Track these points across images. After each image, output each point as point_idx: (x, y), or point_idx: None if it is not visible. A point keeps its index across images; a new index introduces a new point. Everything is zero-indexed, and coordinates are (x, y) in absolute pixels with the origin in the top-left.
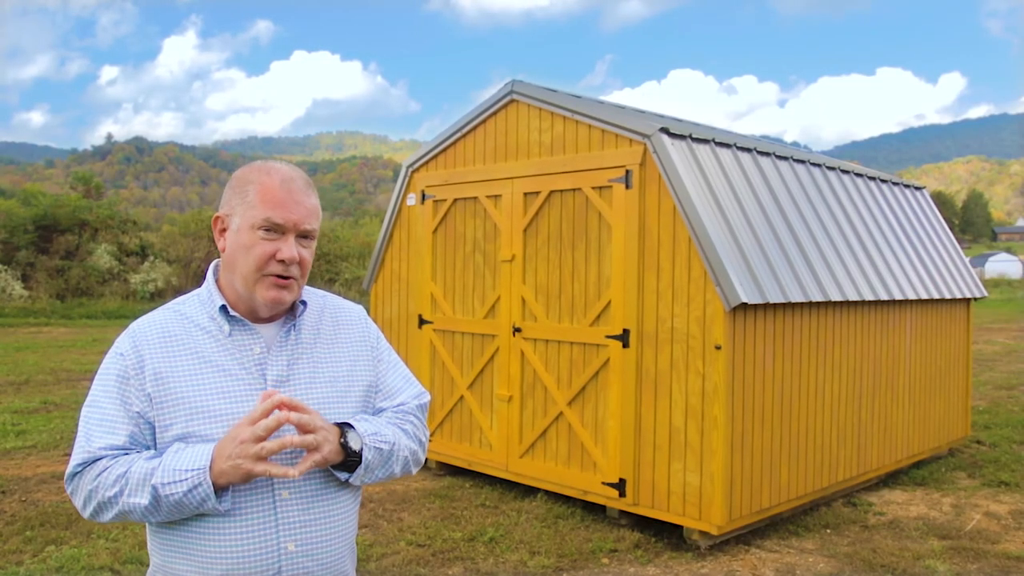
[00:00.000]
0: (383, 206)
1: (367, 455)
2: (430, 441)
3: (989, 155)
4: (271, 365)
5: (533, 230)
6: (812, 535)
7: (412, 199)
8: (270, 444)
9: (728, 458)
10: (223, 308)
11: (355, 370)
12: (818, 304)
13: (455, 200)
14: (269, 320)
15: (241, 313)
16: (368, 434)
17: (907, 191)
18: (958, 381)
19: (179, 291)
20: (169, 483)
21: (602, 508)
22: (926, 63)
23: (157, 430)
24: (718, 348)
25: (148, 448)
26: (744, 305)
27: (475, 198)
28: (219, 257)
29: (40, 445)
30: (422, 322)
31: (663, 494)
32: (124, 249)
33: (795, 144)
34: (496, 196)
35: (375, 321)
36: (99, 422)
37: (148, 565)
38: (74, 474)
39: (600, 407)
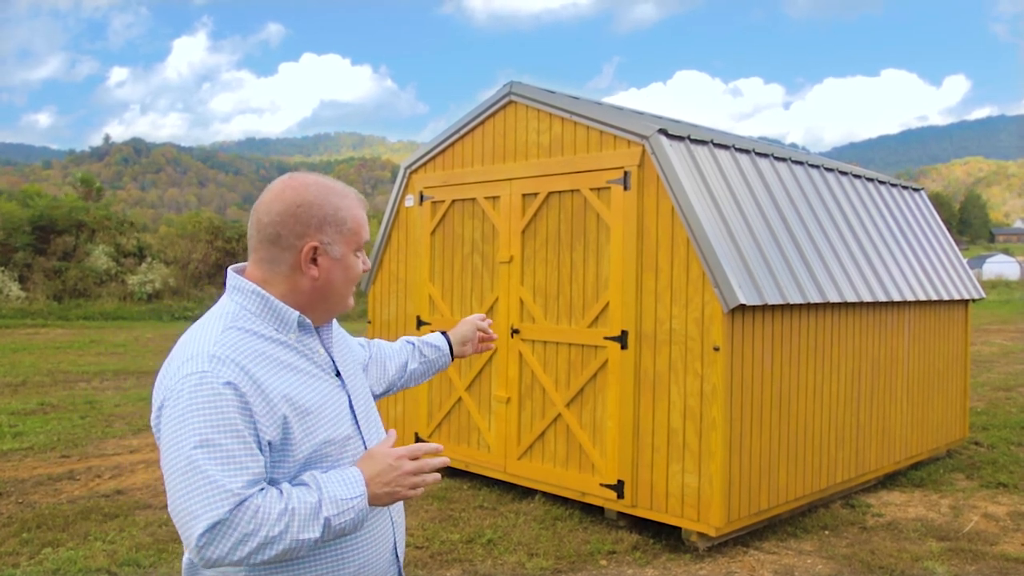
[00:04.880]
0: (381, 207)
1: None
2: (428, 442)
3: (987, 156)
4: (337, 362)
5: (531, 231)
6: (810, 536)
7: (410, 200)
8: (430, 478)
9: (726, 459)
10: (300, 320)
11: (357, 363)
12: (816, 305)
13: (453, 201)
14: None
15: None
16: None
17: (905, 192)
18: (956, 382)
19: (176, 292)
20: (338, 514)
21: (600, 510)
22: (931, 65)
23: (293, 448)
24: (716, 349)
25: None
26: (742, 306)
27: (473, 199)
28: (237, 266)
29: (37, 447)
30: (420, 323)
31: (661, 496)
32: (121, 250)
33: (793, 146)
34: (494, 197)
35: (374, 322)
36: (224, 462)
37: (144, 567)
38: (218, 522)
39: (598, 408)
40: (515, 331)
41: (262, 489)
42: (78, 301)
